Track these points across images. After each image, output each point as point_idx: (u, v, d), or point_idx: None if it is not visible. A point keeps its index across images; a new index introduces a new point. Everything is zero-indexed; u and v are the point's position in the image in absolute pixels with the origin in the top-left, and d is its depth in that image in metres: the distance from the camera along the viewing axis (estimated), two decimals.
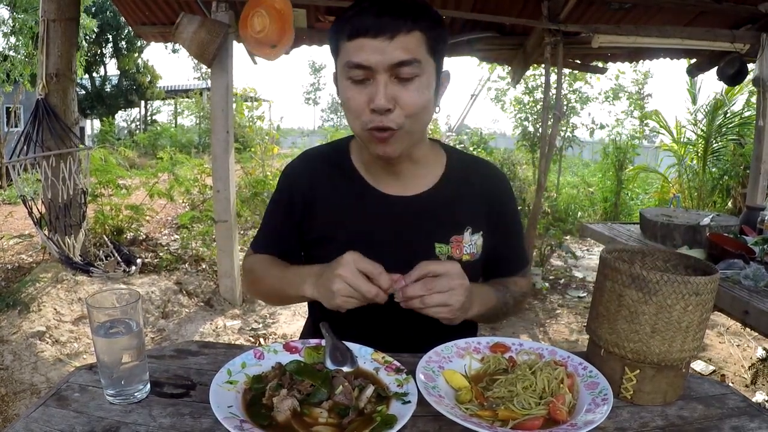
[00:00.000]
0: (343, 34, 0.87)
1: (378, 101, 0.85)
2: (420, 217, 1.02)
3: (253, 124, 7.45)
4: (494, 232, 1.07)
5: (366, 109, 0.88)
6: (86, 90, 16.58)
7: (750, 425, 0.75)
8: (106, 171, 4.63)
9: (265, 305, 3.94)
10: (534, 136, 7.15)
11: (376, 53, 0.84)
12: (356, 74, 0.87)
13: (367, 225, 1.02)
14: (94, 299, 0.75)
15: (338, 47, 0.90)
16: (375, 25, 0.84)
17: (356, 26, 0.85)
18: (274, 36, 3.19)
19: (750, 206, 2.63)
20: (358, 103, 0.88)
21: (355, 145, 1.07)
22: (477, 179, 1.08)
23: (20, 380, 2.49)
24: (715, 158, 6.36)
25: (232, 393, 0.73)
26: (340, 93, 0.93)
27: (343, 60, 0.88)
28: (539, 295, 4.27)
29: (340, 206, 1.03)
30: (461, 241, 1.02)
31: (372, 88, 0.86)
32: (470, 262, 1.03)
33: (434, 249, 1.01)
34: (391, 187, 1.03)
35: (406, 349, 0.91)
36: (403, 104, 0.87)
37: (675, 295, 0.75)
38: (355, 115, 0.90)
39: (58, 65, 3.53)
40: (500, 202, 1.09)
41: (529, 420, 0.70)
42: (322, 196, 1.04)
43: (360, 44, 0.85)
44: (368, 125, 0.89)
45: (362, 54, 0.85)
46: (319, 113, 51.52)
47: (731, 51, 3.63)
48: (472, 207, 1.05)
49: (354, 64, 0.86)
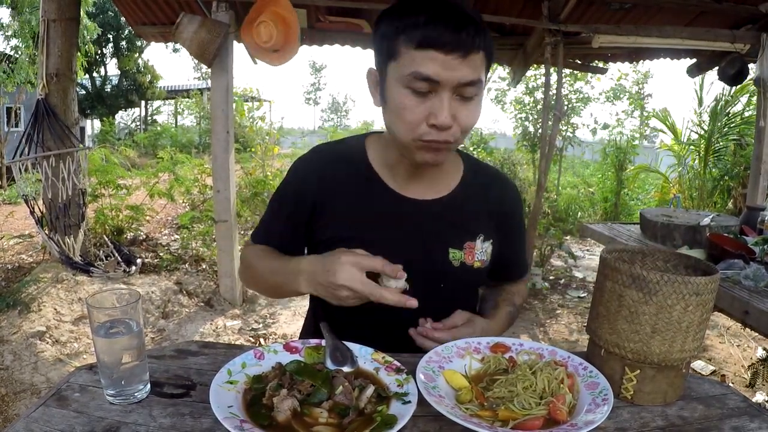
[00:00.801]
0: (411, 40, 0.83)
1: (443, 119, 0.84)
2: (437, 222, 1.02)
3: (253, 124, 7.45)
4: (502, 240, 1.09)
5: (423, 122, 0.86)
6: (86, 90, 16.58)
7: (750, 425, 0.75)
8: (106, 171, 4.62)
9: (265, 305, 3.95)
10: (534, 137, 7.16)
11: (447, 69, 0.82)
12: (420, 86, 0.84)
13: (384, 226, 1.00)
14: (94, 299, 0.75)
15: (398, 51, 0.85)
16: (452, 40, 0.81)
17: (431, 37, 0.81)
18: (279, 44, 3.19)
19: (750, 206, 2.64)
20: (415, 115, 0.86)
21: (374, 145, 1.05)
22: (490, 188, 1.09)
23: (20, 380, 2.49)
24: (716, 158, 6.36)
25: (232, 393, 0.73)
26: (394, 99, 0.88)
27: (406, 68, 0.84)
28: (539, 295, 4.27)
29: (356, 206, 1.01)
30: (474, 248, 1.03)
31: (434, 102, 0.84)
32: (480, 269, 1.04)
33: (448, 254, 1.01)
34: (411, 190, 1.02)
35: (406, 349, 0.91)
36: (461, 121, 0.87)
37: (675, 296, 0.74)
38: (410, 126, 0.87)
39: (58, 65, 3.53)
40: (510, 211, 1.11)
41: (530, 420, 0.70)
42: (335, 195, 1.01)
43: (431, 56, 0.82)
44: (423, 137, 0.87)
45: (432, 67, 0.82)
46: (319, 113, 51.51)
47: (732, 51, 3.63)
48: (485, 215, 1.06)
49: (423, 77, 0.82)
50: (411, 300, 0.82)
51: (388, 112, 0.91)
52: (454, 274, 1.02)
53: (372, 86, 0.95)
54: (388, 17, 0.88)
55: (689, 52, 4.33)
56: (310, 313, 1.20)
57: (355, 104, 60.41)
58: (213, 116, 3.60)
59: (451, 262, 1.01)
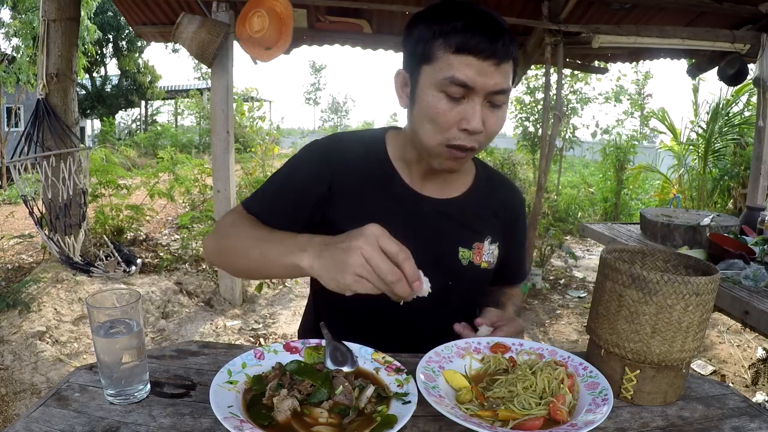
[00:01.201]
0: (449, 45, 0.84)
1: (475, 124, 0.86)
2: (449, 221, 1.03)
3: (253, 124, 7.46)
4: (505, 244, 1.11)
5: (454, 126, 0.88)
6: (86, 90, 16.59)
7: (750, 425, 0.75)
8: (106, 171, 4.63)
9: (265, 305, 3.94)
10: (534, 137, 7.16)
11: (482, 76, 0.84)
12: (455, 91, 0.85)
13: (398, 221, 0.98)
14: (94, 299, 0.75)
15: (433, 54, 0.86)
16: (490, 48, 0.83)
17: (470, 44, 0.83)
18: (271, 38, 3.19)
19: (750, 206, 2.64)
20: (447, 119, 0.87)
21: (393, 141, 1.05)
22: (498, 192, 1.12)
23: (20, 380, 2.49)
24: (716, 158, 6.36)
25: (232, 393, 0.73)
26: (426, 101, 0.88)
27: (442, 72, 0.85)
28: (539, 295, 4.27)
29: (373, 198, 1.00)
30: (482, 249, 1.05)
31: (467, 107, 0.86)
32: (487, 270, 1.06)
33: (458, 253, 1.03)
34: (427, 189, 1.03)
35: (406, 349, 0.91)
36: (488, 128, 0.89)
37: (675, 296, 0.74)
38: (440, 130, 0.88)
39: (59, 65, 3.53)
40: (515, 217, 1.14)
41: (530, 420, 0.70)
42: (352, 184, 1.00)
43: (468, 62, 0.83)
44: (452, 141, 0.89)
45: (468, 73, 0.83)
46: (319, 113, 51.49)
47: (731, 51, 3.64)
48: (493, 218, 1.09)
49: (459, 82, 0.84)
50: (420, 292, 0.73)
51: (416, 114, 0.92)
52: (462, 273, 1.03)
53: (399, 88, 0.96)
54: (425, 21, 0.89)
55: (689, 52, 4.33)
56: (307, 313, 1.20)
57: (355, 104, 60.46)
58: (213, 116, 3.60)
59: (460, 261, 1.03)
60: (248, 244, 0.87)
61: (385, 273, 0.68)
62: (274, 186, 1.01)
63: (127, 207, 4.68)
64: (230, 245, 0.91)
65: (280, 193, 1.00)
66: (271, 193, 1.01)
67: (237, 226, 0.93)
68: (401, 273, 0.69)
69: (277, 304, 4.00)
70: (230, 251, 0.91)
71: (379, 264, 0.68)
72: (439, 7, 0.88)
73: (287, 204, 0.98)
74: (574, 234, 6.34)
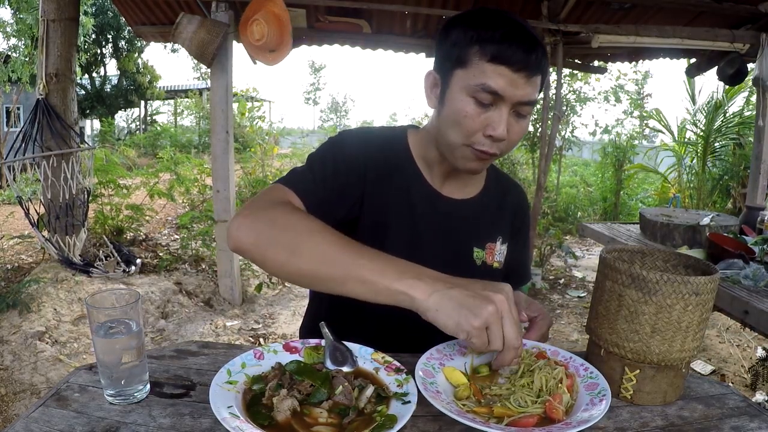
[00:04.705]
0: (485, 53, 0.86)
1: (500, 131, 0.88)
2: (465, 221, 1.06)
3: (253, 124, 7.46)
4: (512, 245, 1.13)
5: (480, 132, 0.90)
6: (86, 90, 16.57)
7: (750, 425, 0.75)
8: (107, 171, 4.63)
9: (265, 305, 3.94)
10: (534, 136, 7.15)
11: (513, 86, 0.86)
12: (485, 98, 0.87)
13: (419, 220, 1.02)
14: (93, 299, 0.75)
15: (468, 60, 0.87)
16: (523, 60, 0.85)
17: (506, 54, 0.84)
18: (273, 42, 3.20)
19: (750, 206, 2.64)
20: (474, 124, 0.89)
21: (416, 140, 1.05)
22: (508, 194, 1.15)
23: (20, 380, 2.49)
24: (715, 158, 6.36)
25: (232, 393, 0.73)
26: (455, 104, 0.89)
27: (475, 78, 0.87)
28: (539, 295, 4.27)
29: (396, 195, 1.00)
30: (494, 249, 1.08)
31: (494, 115, 0.88)
32: (498, 270, 1.09)
33: (473, 253, 1.06)
34: (446, 189, 1.05)
35: (406, 349, 0.91)
36: (511, 136, 0.91)
37: (675, 295, 0.74)
38: (466, 134, 0.90)
39: (58, 65, 3.53)
40: (521, 219, 1.17)
41: (524, 417, 0.70)
42: (381, 180, 0.99)
43: (501, 72, 0.85)
44: (475, 146, 0.91)
45: (500, 82, 0.85)
46: (319, 113, 51.44)
47: (731, 51, 3.64)
48: (503, 218, 1.12)
49: (490, 90, 0.86)
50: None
51: (444, 115, 0.93)
52: (476, 274, 1.03)
53: (428, 88, 0.97)
54: (462, 25, 0.89)
55: (689, 52, 4.33)
56: (308, 313, 1.20)
57: (354, 104, 60.44)
58: (212, 116, 3.60)
59: (474, 261, 1.06)
60: (328, 250, 0.76)
61: (512, 336, 0.70)
62: (311, 173, 0.94)
63: (127, 207, 4.68)
64: (293, 242, 0.77)
65: (318, 180, 0.93)
66: (316, 174, 0.93)
67: (301, 219, 0.81)
68: (521, 343, 0.73)
69: (277, 304, 4.00)
70: (292, 248, 0.77)
71: (510, 324, 0.70)
72: (477, 14, 0.90)
73: (326, 195, 0.93)
74: (574, 234, 6.34)
